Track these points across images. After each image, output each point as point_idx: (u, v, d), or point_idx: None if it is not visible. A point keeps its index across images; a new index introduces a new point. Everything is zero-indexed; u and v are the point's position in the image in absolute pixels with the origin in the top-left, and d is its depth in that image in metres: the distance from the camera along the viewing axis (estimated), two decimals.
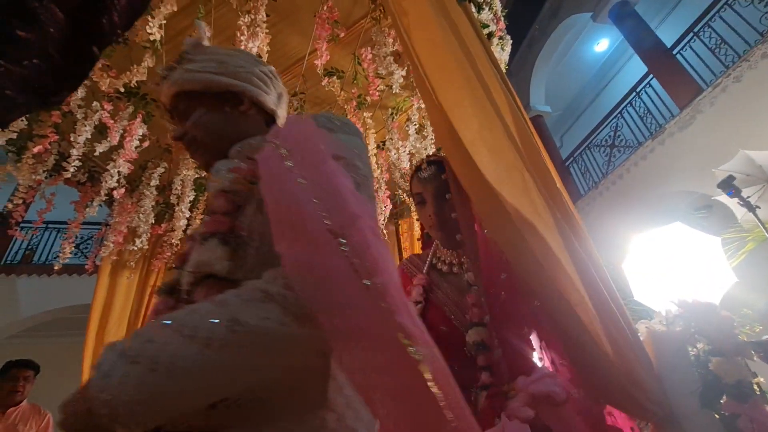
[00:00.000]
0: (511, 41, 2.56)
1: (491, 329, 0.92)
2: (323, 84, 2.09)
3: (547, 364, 0.91)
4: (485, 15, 2.15)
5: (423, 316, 1.06)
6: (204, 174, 2.64)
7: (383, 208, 2.67)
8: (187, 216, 2.62)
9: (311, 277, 0.43)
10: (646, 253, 1.82)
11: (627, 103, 6.24)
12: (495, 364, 0.90)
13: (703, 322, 1.00)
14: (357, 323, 0.40)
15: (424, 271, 1.16)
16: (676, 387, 0.87)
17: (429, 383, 0.37)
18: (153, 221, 2.70)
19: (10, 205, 2.42)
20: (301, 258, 0.43)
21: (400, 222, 3.45)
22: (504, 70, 2.56)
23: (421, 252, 1.30)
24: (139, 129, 2.16)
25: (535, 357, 0.93)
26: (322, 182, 0.45)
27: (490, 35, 2.32)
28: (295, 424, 0.49)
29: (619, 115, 6.38)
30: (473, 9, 2.01)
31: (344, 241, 0.42)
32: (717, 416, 0.89)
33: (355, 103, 2.32)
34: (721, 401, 0.89)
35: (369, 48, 2.07)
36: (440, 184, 1.12)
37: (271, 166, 0.49)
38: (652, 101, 5.77)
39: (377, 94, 2.05)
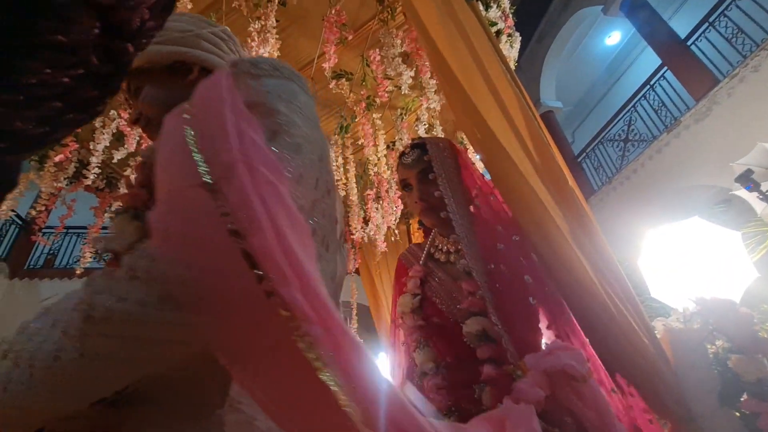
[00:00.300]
0: (520, 37, 2.54)
1: (492, 316, 0.84)
2: (331, 87, 2.11)
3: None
4: (493, 13, 2.14)
5: (421, 309, 1.02)
6: None
7: (394, 208, 2.68)
8: None
9: (178, 246, 0.35)
10: (662, 249, 1.79)
11: (641, 97, 6.12)
12: (500, 355, 0.81)
13: (721, 319, 0.98)
14: (231, 298, 0.33)
15: (421, 261, 1.10)
16: (695, 385, 0.85)
17: (321, 374, 0.29)
18: None
19: (33, 212, 2.51)
20: (167, 222, 0.36)
21: (411, 221, 3.46)
22: (513, 67, 2.55)
23: (422, 241, 1.24)
24: None
25: (547, 334, 0.85)
26: (211, 133, 0.37)
27: (499, 33, 2.31)
28: (188, 426, 0.42)
29: (632, 108, 6.27)
30: (481, 7, 2.01)
31: (218, 195, 0.33)
32: (737, 414, 0.87)
33: (364, 105, 2.34)
34: (741, 399, 0.88)
35: (377, 50, 2.08)
36: (425, 166, 1.08)
37: (167, 127, 0.41)
38: (667, 94, 5.65)
39: (386, 95, 2.07)
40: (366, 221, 2.99)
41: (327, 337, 0.30)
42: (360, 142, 2.55)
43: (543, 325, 0.86)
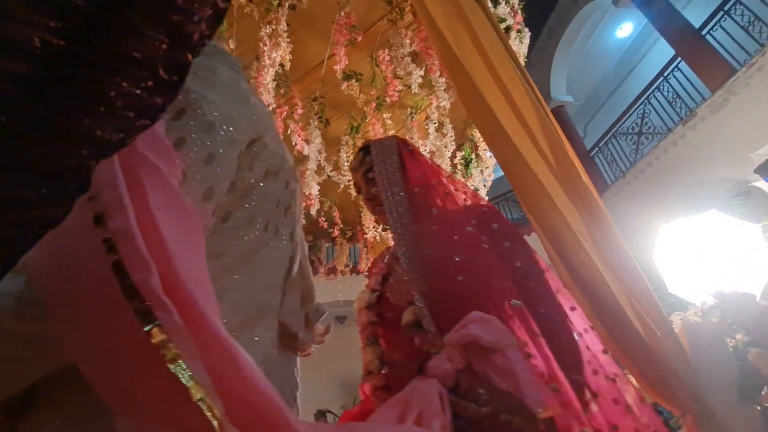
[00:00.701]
0: (530, 33, 2.53)
1: (415, 297, 0.80)
2: (342, 88, 2.13)
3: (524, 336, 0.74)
4: (502, 9, 2.14)
5: (378, 305, 0.97)
6: None
7: None
8: None
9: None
10: (679, 244, 1.77)
11: (654, 89, 6.01)
12: (430, 342, 0.75)
13: (740, 313, 0.97)
14: (91, 291, 0.30)
15: (386, 259, 1.08)
16: (713, 380, 0.85)
17: (172, 365, 0.27)
18: None
19: None
20: None
21: None
22: (523, 63, 2.53)
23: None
24: None
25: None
26: None
27: (508, 29, 2.30)
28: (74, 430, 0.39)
29: (646, 101, 6.16)
30: (489, 4, 2.00)
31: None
32: (759, 409, 0.86)
33: (374, 105, 2.35)
34: (762, 393, 0.87)
35: (386, 50, 2.09)
36: (368, 167, 1.08)
37: None
38: (681, 85, 5.54)
39: (396, 95, 2.08)
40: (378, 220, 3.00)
41: (188, 328, 0.28)
42: None
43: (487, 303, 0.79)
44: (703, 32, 5.23)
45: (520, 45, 2.43)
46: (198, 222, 0.39)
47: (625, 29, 8.01)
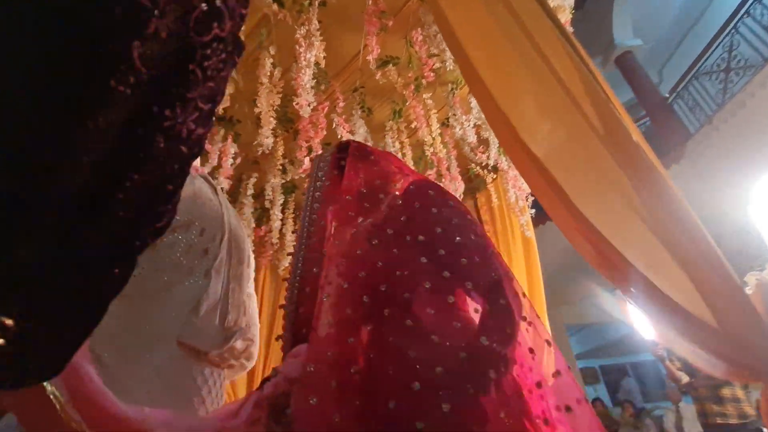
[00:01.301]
0: None
1: (289, 317, 0.78)
2: (377, 78, 2.15)
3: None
4: None
5: None
6: (289, 179, 2.92)
7: (456, 185, 2.68)
8: (280, 217, 2.94)
9: None
10: None
11: (744, 14, 5.14)
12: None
13: None
14: None
15: None
16: None
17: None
18: (254, 225, 3.08)
19: None
20: None
21: (477, 195, 3.40)
22: (570, 15, 2.33)
23: None
24: (231, 148, 2.48)
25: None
26: None
27: None
28: None
29: (733, 30, 5.30)
30: None
31: None
32: None
33: (413, 87, 2.34)
34: None
35: (419, 29, 2.06)
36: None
37: None
38: None
39: (431, 75, 2.05)
40: None
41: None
42: (413, 125, 2.57)
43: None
44: None
45: None
46: None
47: None
